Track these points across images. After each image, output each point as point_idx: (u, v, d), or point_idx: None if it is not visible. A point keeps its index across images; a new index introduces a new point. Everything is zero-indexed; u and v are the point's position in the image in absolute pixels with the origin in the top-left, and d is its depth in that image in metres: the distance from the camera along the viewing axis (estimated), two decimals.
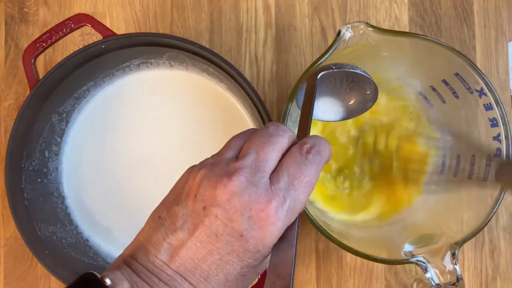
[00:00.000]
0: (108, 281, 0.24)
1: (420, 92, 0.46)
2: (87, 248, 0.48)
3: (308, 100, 0.33)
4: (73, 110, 0.49)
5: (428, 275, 0.37)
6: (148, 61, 0.48)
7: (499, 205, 0.38)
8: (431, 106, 0.46)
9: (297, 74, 0.51)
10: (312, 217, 0.38)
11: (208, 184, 0.24)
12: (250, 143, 0.26)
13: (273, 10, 0.51)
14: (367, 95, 0.38)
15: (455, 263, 0.36)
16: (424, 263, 0.37)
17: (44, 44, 0.43)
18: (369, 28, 0.38)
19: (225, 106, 0.49)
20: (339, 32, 0.38)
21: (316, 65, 0.37)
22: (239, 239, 0.24)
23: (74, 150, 0.49)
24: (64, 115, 0.48)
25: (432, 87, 0.44)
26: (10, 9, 0.52)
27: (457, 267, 0.36)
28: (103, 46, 0.43)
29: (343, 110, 0.39)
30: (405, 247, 0.39)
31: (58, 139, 0.49)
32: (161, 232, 0.25)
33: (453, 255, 0.37)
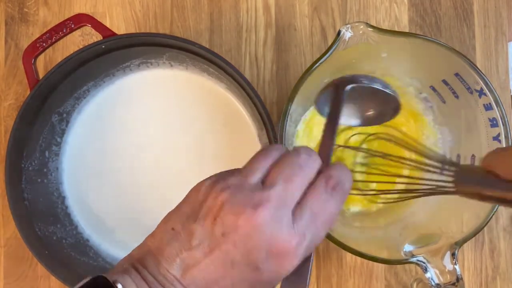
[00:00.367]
0: (120, 286, 0.24)
1: (420, 92, 0.46)
2: (87, 248, 0.48)
3: (335, 114, 0.31)
4: (73, 110, 0.49)
5: (428, 275, 0.37)
6: (148, 61, 0.48)
7: (499, 205, 0.38)
8: (431, 106, 0.46)
9: (297, 74, 0.51)
10: None
11: (231, 210, 0.24)
12: (279, 171, 0.25)
13: (273, 10, 0.51)
14: (388, 110, 0.38)
15: (455, 263, 0.37)
16: (424, 263, 0.37)
17: (44, 44, 0.43)
18: (369, 28, 0.38)
19: (225, 106, 0.49)
20: (339, 32, 0.38)
21: (342, 76, 0.36)
22: (254, 271, 0.24)
23: (75, 150, 0.49)
24: (64, 115, 0.48)
25: (432, 87, 0.44)
26: (10, 9, 0.52)
27: (457, 267, 0.36)
28: (103, 46, 0.43)
29: (359, 117, 0.39)
30: (405, 247, 0.39)
31: (58, 139, 0.49)
32: (175, 247, 0.25)
33: (453, 255, 0.37)
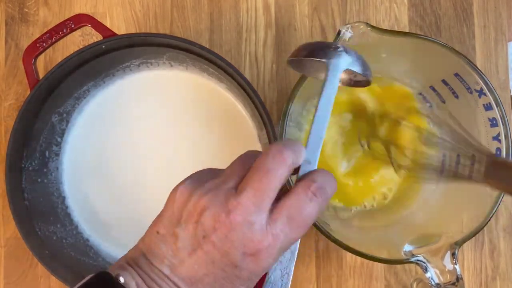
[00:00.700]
0: (122, 280, 0.26)
1: (420, 92, 0.46)
2: (87, 248, 0.48)
3: (325, 104, 0.29)
4: (74, 110, 0.49)
5: (428, 275, 0.37)
6: (149, 61, 0.48)
7: (499, 206, 0.38)
8: (431, 106, 0.46)
9: (297, 74, 0.50)
10: None
11: (209, 215, 0.25)
12: (248, 176, 0.26)
13: (273, 10, 0.51)
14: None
15: (455, 263, 0.37)
16: (424, 263, 0.37)
17: (44, 44, 0.43)
18: (369, 28, 0.38)
19: (225, 106, 0.49)
20: (339, 32, 0.38)
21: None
22: (234, 269, 0.26)
23: (75, 150, 0.49)
24: (65, 115, 0.48)
25: (432, 87, 0.44)
26: (11, 9, 0.52)
27: (457, 267, 0.37)
28: (103, 46, 0.43)
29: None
30: (405, 247, 0.39)
31: (59, 139, 0.49)
32: (162, 249, 0.27)
33: (453, 255, 0.37)
